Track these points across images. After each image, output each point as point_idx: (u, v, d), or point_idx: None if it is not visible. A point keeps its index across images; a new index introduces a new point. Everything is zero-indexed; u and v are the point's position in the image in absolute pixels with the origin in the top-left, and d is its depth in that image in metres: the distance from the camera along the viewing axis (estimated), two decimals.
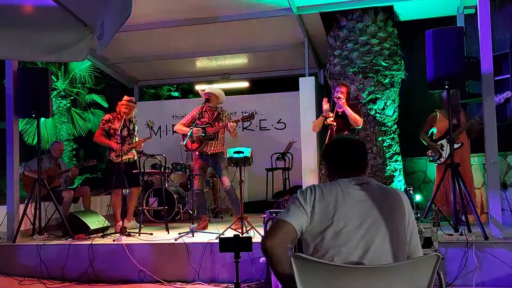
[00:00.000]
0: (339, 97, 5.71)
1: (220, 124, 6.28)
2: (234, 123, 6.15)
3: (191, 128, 6.14)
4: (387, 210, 2.06)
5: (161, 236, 5.93)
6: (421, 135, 6.39)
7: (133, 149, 6.66)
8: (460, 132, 6.00)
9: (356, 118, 5.60)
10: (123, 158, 6.31)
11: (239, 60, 9.85)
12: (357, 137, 2.40)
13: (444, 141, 6.17)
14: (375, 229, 2.00)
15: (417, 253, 2.12)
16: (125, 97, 6.67)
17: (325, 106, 5.72)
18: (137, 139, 6.69)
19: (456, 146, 5.98)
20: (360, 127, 5.72)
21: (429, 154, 6.30)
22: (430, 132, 6.41)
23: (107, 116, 6.69)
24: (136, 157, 6.79)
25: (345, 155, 2.27)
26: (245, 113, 6.22)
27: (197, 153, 6.33)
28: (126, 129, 6.58)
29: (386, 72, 7.52)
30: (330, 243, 1.99)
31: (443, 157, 6.15)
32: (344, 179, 2.17)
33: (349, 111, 5.63)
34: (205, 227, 6.24)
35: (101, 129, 6.61)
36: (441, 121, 6.25)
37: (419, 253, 2.12)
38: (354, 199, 2.08)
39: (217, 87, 6.63)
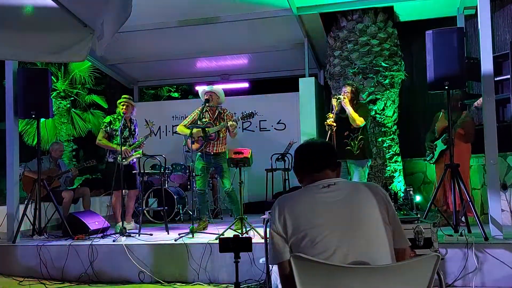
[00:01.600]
0: (338, 98, 5.72)
1: (221, 124, 6.28)
2: (234, 122, 6.15)
3: (191, 129, 6.14)
4: (361, 206, 2.03)
5: (161, 236, 5.93)
6: (427, 134, 6.46)
7: (138, 149, 6.67)
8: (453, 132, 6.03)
9: (354, 117, 5.59)
10: (128, 160, 6.43)
11: (239, 61, 9.85)
12: (321, 139, 2.37)
13: (438, 141, 6.20)
14: (352, 229, 1.97)
15: (403, 243, 2.09)
16: (122, 97, 6.68)
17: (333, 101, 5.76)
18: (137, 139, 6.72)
19: (444, 147, 6.02)
20: (361, 126, 5.68)
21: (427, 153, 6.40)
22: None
23: (107, 119, 6.71)
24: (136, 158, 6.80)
25: (306, 158, 2.25)
26: (243, 114, 6.21)
27: (199, 153, 6.34)
28: (127, 129, 6.60)
29: (386, 72, 7.52)
30: (308, 254, 1.95)
31: (434, 157, 6.22)
32: (310, 185, 2.16)
33: (349, 110, 5.63)
34: (205, 228, 6.24)
35: (102, 132, 6.60)
36: (440, 121, 6.27)
37: (406, 243, 2.10)
38: (323, 203, 2.05)
39: (217, 86, 6.64)
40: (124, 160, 6.41)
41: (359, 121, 5.59)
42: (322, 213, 2.02)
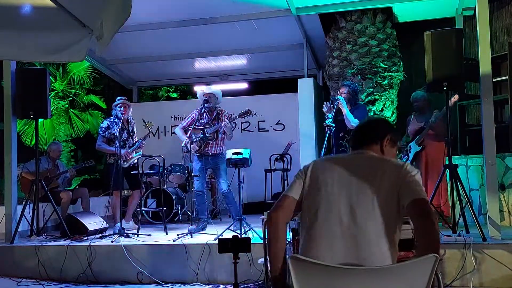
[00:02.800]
0: (337, 98, 5.74)
1: (218, 124, 6.29)
2: (227, 122, 6.15)
3: (190, 131, 6.14)
4: (376, 175, 2.12)
5: (159, 237, 5.92)
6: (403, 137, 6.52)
7: (138, 149, 6.67)
8: (421, 137, 6.06)
9: (349, 118, 5.62)
10: (129, 162, 6.45)
11: (238, 61, 9.85)
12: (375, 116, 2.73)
13: (412, 143, 6.22)
14: (360, 193, 2.09)
15: (412, 196, 2.04)
16: (117, 99, 6.68)
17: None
18: (136, 139, 6.72)
19: (419, 148, 6.05)
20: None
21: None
22: None
23: (104, 123, 6.67)
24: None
25: (351, 134, 2.49)
26: (240, 113, 6.23)
27: (198, 154, 6.34)
28: (125, 131, 6.59)
29: (385, 73, 7.53)
30: (314, 204, 2.15)
31: (409, 159, 6.25)
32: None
33: (344, 111, 5.66)
34: (203, 228, 6.24)
35: (101, 137, 6.58)
36: (412, 124, 6.32)
37: (415, 197, 2.04)
38: (343, 166, 2.21)
39: (215, 87, 6.64)
40: (125, 162, 6.42)
41: (354, 122, 5.62)
42: (340, 173, 2.18)
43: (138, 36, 8.04)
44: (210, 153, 6.31)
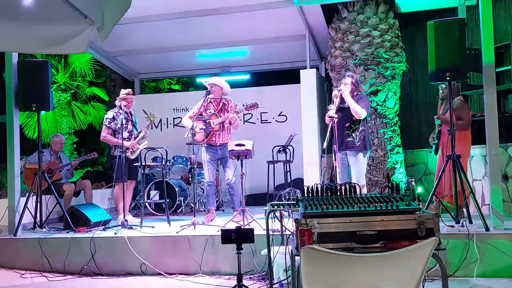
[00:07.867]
0: (340, 89, 5.73)
1: (224, 115, 6.29)
2: (235, 115, 6.17)
3: (192, 122, 6.15)
4: None
5: (162, 229, 5.94)
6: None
7: (143, 140, 6.66)
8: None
9: (356, 109, 5.60)
10: (136, 152, 6.52)
11: (240, 53, 9.82)
12: None
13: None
14: None
15: None
16: (122, 91, 6.65)
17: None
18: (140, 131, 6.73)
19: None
20: (362, 119, 5.71)
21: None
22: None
23: (110, 114, 6.63)
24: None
25: None
26: (246, 105, 6.24)
27: (206, 145, 6.36)
28: (130, 122, 6.60)
29: (388, 64, 7.49)
30: None
31: (433, 148, 6.22)
32: None
33: (350, 101, 5.64)
34: (213, 220, 6.26)
35: (106, 128, 6.57)
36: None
37: None
38: None
39: (220, 78, 6.64)
40: (132, 154, 6.44)
41: (362, 112, 5.61)
42: None
43: (139, 27, 8.02)
44: (218, 143, 6.34)
